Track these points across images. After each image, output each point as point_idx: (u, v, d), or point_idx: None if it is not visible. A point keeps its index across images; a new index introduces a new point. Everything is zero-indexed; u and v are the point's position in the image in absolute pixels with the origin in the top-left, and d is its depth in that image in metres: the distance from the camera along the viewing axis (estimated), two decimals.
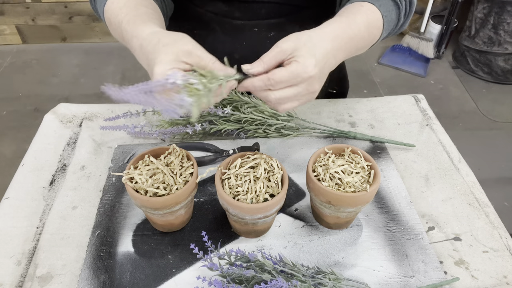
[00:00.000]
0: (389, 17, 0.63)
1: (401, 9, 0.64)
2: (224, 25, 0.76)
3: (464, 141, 2.06)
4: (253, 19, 0.74)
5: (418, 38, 2.53)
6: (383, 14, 0.61)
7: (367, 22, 0.58)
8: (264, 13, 0.73)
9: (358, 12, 0.59)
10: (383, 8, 0.61)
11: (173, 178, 0.57)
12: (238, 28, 0.75)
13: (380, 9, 0.60)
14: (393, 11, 0.63)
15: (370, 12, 0.59)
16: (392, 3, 0.63)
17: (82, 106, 0.87)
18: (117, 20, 0.58)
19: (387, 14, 0.62)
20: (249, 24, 0.74)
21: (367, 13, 0.59)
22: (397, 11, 0.64)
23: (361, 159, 0.60)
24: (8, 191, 0.69)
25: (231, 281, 0.52)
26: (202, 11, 0.76)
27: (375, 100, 0.91)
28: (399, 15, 0.65)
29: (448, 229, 0.65)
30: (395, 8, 0.63)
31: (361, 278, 0.58)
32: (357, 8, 0.59)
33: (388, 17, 0.62)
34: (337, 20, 0.57)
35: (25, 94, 2.29)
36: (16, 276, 0.58)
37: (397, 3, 0.64)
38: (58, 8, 2.55)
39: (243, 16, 0.74)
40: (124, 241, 0.62)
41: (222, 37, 0.77)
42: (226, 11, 0.74)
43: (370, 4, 0.61)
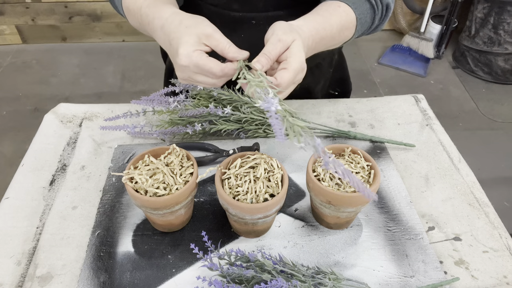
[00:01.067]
0: (363, 20, 0.65)
1: (376, 13, 0.67)
2: (222, 17, 0.77)
3: (464, 141, 2.06)
4: (251, 12, 0.75)
5: (418, 38, 2.53)
6: (358, 17, 0.64)
7: (340, 25, 0.62)
8: (262, 6, 0.75)
9: (334, 13, 0.62)
10: (359, 10, 0.64)
11: (173, 178, 0.57)
12: (236, 20, 0.76)
13: (355, 11, 0.63)
14: (368, 14, 0.66)
15: (345, 15, 0.63)
16: (369, 5, 0.65)
17: (82, 106, 0.87)
18: (137, 6, 0.61)
19: (362, 16, 0.65)
20: (247, 17, 0.76)
21: (341, 15, 0.62)
22: (373, 14, 0.67)
23: (361, 159, 0.60)
24: (8, 191, 0.69)
25: (231, 281, 0.52)
26: (202, 3, 0.77)
27: (375, 100, 0.91)
28: (374, 18, 0.67)
29: (448, 229, 0.65)
30: (371, 12, 0.66)
31: (361, 278, 0.58)
32: (333, 8, 0.62)
33: (362, 20, 0.65)
34: (315, 19, 0.60)
35: (25, 94, 2.29)
36: (16, 276, 0.58)
37: (373, 7, 0.66)
38: (58, 8, 2.55)
39: (241, 8, 0.75)
40: (124, 241, 0.62)
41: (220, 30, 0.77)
42: (225, 3, 0.75)
43: (346, 5, 0.63)
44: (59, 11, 2.57)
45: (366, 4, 0.65)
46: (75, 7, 2.56)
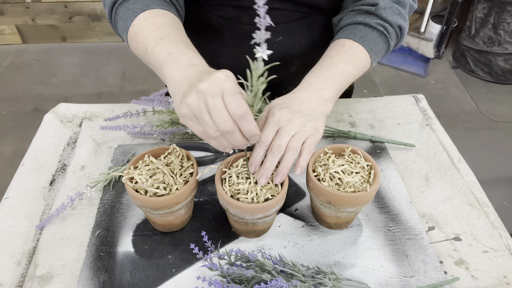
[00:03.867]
0: (376, 48, 0.66)
1: (389, 37, 0.67)
2: (232, 29, 0.75)
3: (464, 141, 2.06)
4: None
5: (418, 38, 2.53)
6: (367, 48, 0.65)
7: (345, 61, 0.63)
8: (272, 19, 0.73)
9: (336, 54, 0.64)
10: (368, 42, 0.65)
11: (173, 178, 0.57)
12: (246, 32, 0.75)
13: (363, 44, 0.65)
14: (379, 41, 0.66)
15: (351, 51, 0.64)
16: (378, 34, 0.66)
17: (82, 106, 0.87)
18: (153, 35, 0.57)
19: (372, 46, 0.66)
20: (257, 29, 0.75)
21: (346, 53, 0.64)
22: (385, 39, 0.67)
23: (361, 159, 0.60)
24: (8, 191, 0.69)
25: (231, 281, 0.52)
26: (210, 15, 0.75)
27: (375, 100, 0.91)
28: (387, 42, 0.68)
29: (448, 229, 0.65)
30: (381, 38, 0.67)
31: (361, 278, 0.58)
32: (336, 49, 0.65)
33: (374, 49, 0.66)
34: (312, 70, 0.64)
35: (25, 94, 2.29)
36: (16, 276, 0.58)
37: (383, 33, 0.66)
38: (58, 8, 2.55)
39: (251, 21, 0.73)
40: (124, 241, 0.62)
41: (229, 41, 0.77)
42: (235, 16, 0.74)
43: (352, 41, 0.65)
44: (59, 11, 2.57)
45: (374, 33, 0.66)
46: (75, 7, 2.56)
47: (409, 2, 0.69)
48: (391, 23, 0.66)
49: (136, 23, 0.59)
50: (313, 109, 0.58)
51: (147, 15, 0.59)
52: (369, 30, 0.66)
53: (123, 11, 0.61)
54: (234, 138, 0.48)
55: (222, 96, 0.45)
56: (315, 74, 0.62)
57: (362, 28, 0.66)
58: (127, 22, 0.60)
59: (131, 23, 0.59)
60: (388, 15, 0.66)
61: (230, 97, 0.45)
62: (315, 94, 0.59)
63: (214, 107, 0.45)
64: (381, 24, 0.66)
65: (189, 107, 0.46)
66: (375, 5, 0.66)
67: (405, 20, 0.68)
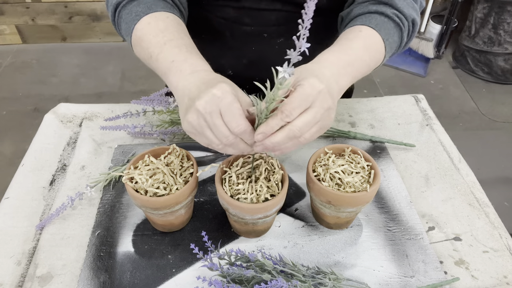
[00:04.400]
0: (391, 40, 0.62)
1: (403, 31, 0.63)
2: (233, 30, 0.75)
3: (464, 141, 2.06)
4: (263, 26, 0.73)
5: (418, 38, 2.53)
6: (384, 38, 0.60)
7: (364, 47, 0.58)
8: (274, 20, 0.73)
9: (355, 38, 0.59)
10: (384, 31, 0.61)
11: (173, 178, 0.57)
12: (247, 34, 0.75)
13: (380, 32, 0.60)
14: (395, 33, 0.62)
15: (368, 37, 0.59)
16: (393, 24, 0.62)
17: (82, 106, 0.87)
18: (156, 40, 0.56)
19: (388, 37, 0.61)
20: (259, 30, 0.74)
21: (365, 38, 0.59)
22: (399, 33, 0.63)
23: (361, 159, 0.60)
24: (8, 191, 0.69)
25: (231, 281, 0.52)
26: (211, 16, 0.75)
27: (375, 100, 0.91)
28: (401, 36, 0.64)
29: (448, 229, 0.65)
30: (396, 30, 0.63)
31: (361, 278, 0.58)
32: (354, 34, 0.60)
33: (389, 40, 0.62)
34: (331, 49, 0.57)
35: (25, 94, 2.29)
36: (16, 276, 0.58)
37: (398, 25, 0.62)
38: (58, 8, 2.55)
39: (252, 22, 0.73)
40: (124, 241, 0.62)
41: (231, 42, 0.77)
42: (236, 17, 0.73)
43: (369, 28, 0.60)
44: (59, 11, 2.57)
45: (390, 23, 0.62)
46: (75, 7, 2.56)
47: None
48: (406, 15, 0.63)
49: (140, 27, 0.59)
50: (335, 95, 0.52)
51: (150, 19, 0.59)
52: (385, 19, 0.61)
53: (126, 14, 0.61)
54: (239, 148, 0.48)
55: (220, 113, 0.45)
56: (337, 54, 0.56)
57: (378, 17, 0.61)
58: (130, 25, 0.60)
59: (134, 27, 0.59)
60: (403, 7, 0.62)
61: (228, 115, 0.45)
62: (336, 79, 0.53)
63: (213, 124, 0.46)
64: (396, 14, 0.62)
65: (190, 124, 0.47)
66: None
67: (418, 15, 0.65)
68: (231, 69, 0.81)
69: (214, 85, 0.45)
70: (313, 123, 0.47)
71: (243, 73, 0.80)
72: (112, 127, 0.76)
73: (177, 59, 0.53)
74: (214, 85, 0.45)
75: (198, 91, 0.46)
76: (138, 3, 0.60)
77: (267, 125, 0.46)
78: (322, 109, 0.47)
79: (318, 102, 0.47)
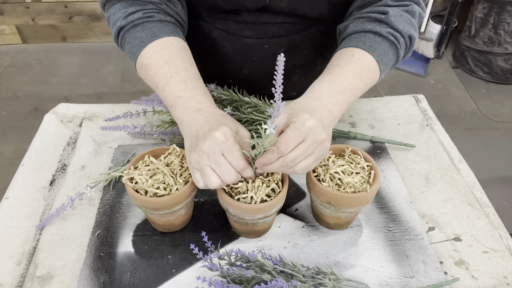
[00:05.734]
0: (385, 59, 0.62)
1: (399, 48, 0.62)
2: (233, 42, 0.75)
3: (464, 141, 2.06)
4: (263, 37, 0.74)
5: (418, 38, 2.53)
6: (377, 59, 0.60)
7: (356, 72, 0.59)
8: (274, 31, 0.73)
9: (346, 64, 0.59)
10: (378, 52, 0.60)
11: (173, 178, 0.57)
12: (248, 45, 0.75)
13: (373, 54, 0.60)
14: (389, 52, 0.62)
15: (361, 61, 0.59)
16: (388, 43, 0.61)
17: (82, 106, 0.87)
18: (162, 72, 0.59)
19: (382, 57, 0.61)
20: (259, 42, 0.74)
21: (356, 62, 0.59)
22: (394, 50, 0.62)
23: (361, 159, 0.60)
24: (8, 191, 0.69)
25: (231, 282, 0.52)
26: (212, 28, 0.75)
27: (375, 100, 0.91)
28: (397, 53, 0.63)
29: (448, 230, 0.65)
30: (391, 48, 0.62)
31: (361, 278, 0.58)
32: (346, 59, 0.60)
33: (383, 60, 0.61)
34: (322, 79, 0.58)
35: (25, 94, 2.29)
36: (16, 276, 0.57)
37: (393, 43, 0.62)
38: (58, 8, 2.55)
39: (253, 34, 0.73)
40: (124, 241, 0.62)
41: (231, 54, 0.77)
42: (236, 29, 0.73)
43: (361, 50, 0.60)
44: (59, 11, 2.57)
45: (385, 42, 0.61)
46: (75, 7, 2.56)
47: (418, 11, 0.65)
48: (402, 32, 0.62)
49: (145, 55, 0.60)
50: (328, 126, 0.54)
51: (155, 48, 0.60)
52: (379, 39, 0.61)
53: (130, 38, 0.62)
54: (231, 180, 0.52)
55: (223, 154, 0.50)
56: (327, 85, 0.57)
57: (372, 37, 0.61)
58: (135, 51, 0.61)
59: (139, 54, 0.60)
60: (399, 24, 0.61)
61: (230, 156, 0.50)
62: (328, 109, 0.55)
63: (217, 163, 0.50)
64: (391, 33, 0.61)
65: (195, 161, 0.51)
66: (385, 14, 0.61)
67: (415, 29, 0.64)
68: (231, 79, 0.81)
69: (217, 127, 0.50)
70: (305, 155, 0.51)
71: (243, 82, 0.81)
72: (112, 127, 0.76)
73: (183, 95, 0.56)
74: (217, 127, 0.50)
75: (203, 132, 0.51)
76: (143, 28, 0.61)
77: (264, 157, 0.51)
78: (314, 143, 0.50)
79: (310, 136, 0.50)
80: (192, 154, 0.51)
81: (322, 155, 0.53)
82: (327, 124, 0.53)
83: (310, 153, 0.51)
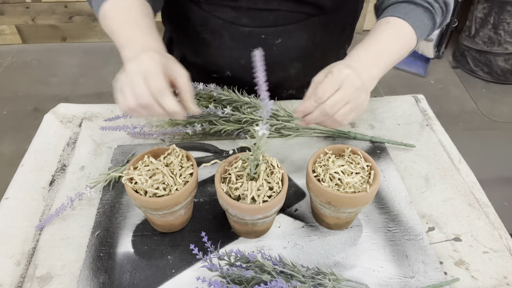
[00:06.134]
0: (421, 25, 0.65)
1: (435, 13, 0.67)
2: (231, 31, 0.76)
3: (464, 141, 2.06)
4: (260, 26, 0.74)
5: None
6: (413, 25, 0.64)
7: (392, 37, 0.64)
8: (272, 20, 0.74)
9: (383, 31, 0.64)
10: (412, 19, 0.64)
11: (173, 178, 0.57)
12: (245, 34, 0.75)
13: (408, 21, 0.64)
14: (424, 17, 0.66)
15: (396, 27, 0.64)
16: (422, 9, 0.66)
17: (82, 106, 0.87)
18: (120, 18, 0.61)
19: (418, 23, 0.65)
20: (256, 31, 0.75)
21: (392, 29, 0.64)
22: (430, 15, 0.66)
23: (361, 159, 0.60)
24: (8, 191, 0.69)
25: (230, 282, 0.52)
26: (210, 16, 0.75)
27: (375, 100, 0.91)
28: (433, 18, 0.67)
29: (448, 230, 0.65)
30: (426, 14, 0.66)
31: (361, 278, 0.58)
32: (382, 26, 0.65)
33: (419, 25, 0.65)
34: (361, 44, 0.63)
35: (25, 94, 2.29)
36: (15, 276, 0.57)
37: (427, 9, 0.66)
38: (58, 8, 2.55)
39: (250, 23, 0.74)
40: (123, 241, 0.62)
41: (229, 43, 0.77)
42: (234, 17, 0.74)
43: (396, 18, 0.64)
44: (59, 11, 2.57)
45: (419, 9, 0.66)
46: (75, 7, 2.56)
47: None
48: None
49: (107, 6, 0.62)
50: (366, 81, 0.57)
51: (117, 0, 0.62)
52: (414, 7, 0.66)
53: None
54: (154, 110, 0.52)
55: (144, 75, 0.51)
56: (364, 48, 0.61)
57: (406, 6, 0.66)
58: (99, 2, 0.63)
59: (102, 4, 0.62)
60: None
61: (149, 76, 0.51)
62: (367, 69, 0.59)
63: (133, 83, 0.51)
64: (426, 0, 0.66)
65: (119, 82, 0.53)
66: None
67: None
68: (229, 70, 0.82)
69: (147, 52, 0.52)
70: (343, 101, 0.54)
71: (241, 74, 0.81)
72: (111, 127, 0.76)
73: (134, 39, 0.58)
74: (147, 52, 0.52)
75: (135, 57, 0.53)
76: None
77: (303, 105, 0.55)
78: (351, 88, 0.54)
79: (346, 83, 0.54)
80: (119, 76, 0.53)
81: (360, 104, 0.56)
82: (365, 79, 0.57)
83: (347, 101, 0.54)
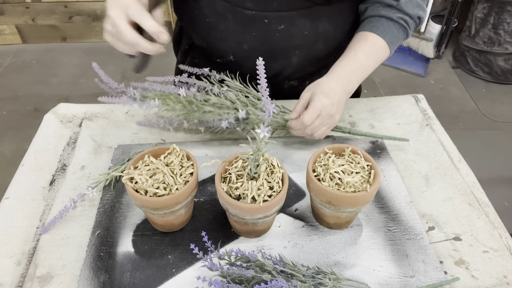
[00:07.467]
0: (395, 40, 0.75)
1: (408, 29, 0.75)
2: (235, 14, 0.77)
3: (464, 141, 2.06)
4: (264, 10, 0.75)
5: (418, 38, 2.53)
6: (388, 41, 0.74)
7: (369, 54, 0.73)
8: (276, 5, 0.75)
9: (361, 48, 0.73)
10: (388, 35, 0.74)
11: (173, 178, 0.57)
12: (249, 18, 0.76)
13: (385, 38, 0.73)
14: (400, 34, 0.75)
15: (373, 45, 0.74)
16: (398, 26, 0.74)
17: (82, 106, 0.87)
18: None
19: (393, 40, 0.74)
20: (260, 15, 0.76)
21: (369, 47, 0.74)
22: (405, 31, 0.75)
23: (361, 159, 0.60)
24: (8, 191, 0.69)
25: (231, 281, 0.52)
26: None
27: (375, 100, 0.91)
28: (406, 33, 0.76)
29: (448, 229, 0.65)
30: (402, 31, 0.75)
31: (361, 278, 0.58)
32: (361, 43, 0.74)
33: (394, 41, 0.75)
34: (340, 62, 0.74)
35: (25, 94, 2.29)
36: (16, 276, 0.57)
37: (403, 26, 0.74)
38: (58, 8, 2.55)
39: (255, 6, 0.75)
40: (124, 241, 0.62)
41: (232, 26, 0.78)
42: (238, 1, 0.75)
43: (374, 35, 0.73)
44: (59, 11, 2.57)
45: (396, 26, 0.74)
46: (75, 7, 2.56)
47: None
48: (412, 15, 0.74)
49: None
50: (340, 101, 0.70)
51: None
52: (391, 23, 0.74)
53: None
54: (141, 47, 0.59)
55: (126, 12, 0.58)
56: (342, 66, 0.72)
57: (385, 22, 0.74)
58: None
59: None
60: (409, 9, 0.73)
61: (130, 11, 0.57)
62: (343, 88, 0.71)
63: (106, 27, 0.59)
64: (402, 17, 0.74)
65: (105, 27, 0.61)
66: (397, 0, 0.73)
67: (423, 10, 0.76)
68: (232, 55, 0.83)
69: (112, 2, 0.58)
70: (321, 126, 0.70)
71: (243, 59, 0.82)
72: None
73: None
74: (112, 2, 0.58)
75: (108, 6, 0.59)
76: None
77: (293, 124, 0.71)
78: (327, 116, 0.69)
79: (324, 111, 0.68)
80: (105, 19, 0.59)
81: (331, 124, 0.71)
82: (338, 101, 0.70)
83: (324, 125, 0.70)
